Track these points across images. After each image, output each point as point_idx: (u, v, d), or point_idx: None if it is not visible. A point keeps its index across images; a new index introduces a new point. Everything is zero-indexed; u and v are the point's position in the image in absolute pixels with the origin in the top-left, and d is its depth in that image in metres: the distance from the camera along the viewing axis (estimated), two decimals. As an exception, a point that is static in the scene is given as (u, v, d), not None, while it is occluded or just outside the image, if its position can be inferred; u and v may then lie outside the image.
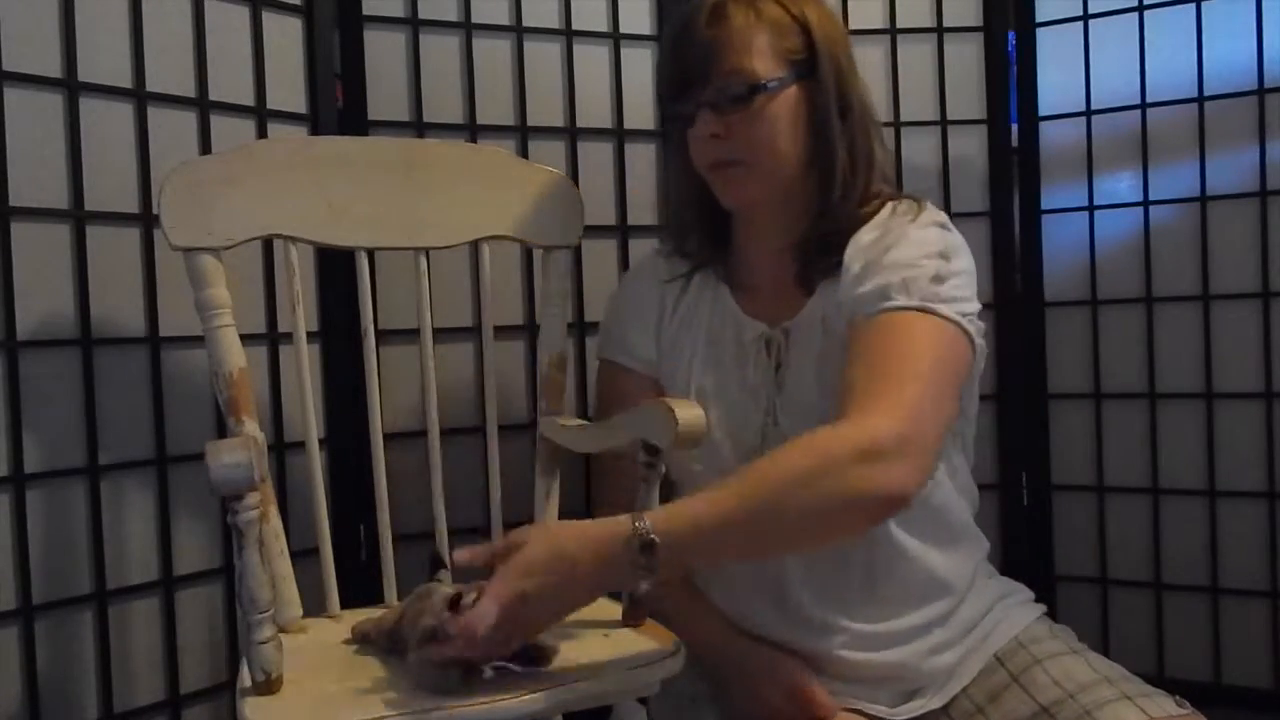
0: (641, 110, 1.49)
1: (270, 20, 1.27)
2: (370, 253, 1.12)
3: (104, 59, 1.13)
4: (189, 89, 1.20)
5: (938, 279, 0.99)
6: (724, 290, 1.15)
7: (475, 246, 1.15)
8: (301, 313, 1.05)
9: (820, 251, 1.08)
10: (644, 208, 1.50)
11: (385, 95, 1.36)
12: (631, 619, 0.99)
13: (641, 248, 1.49)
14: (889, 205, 1.08)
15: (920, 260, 1.00)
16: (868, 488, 0.87)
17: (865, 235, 1.06)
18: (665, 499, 1.01)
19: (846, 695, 1.06)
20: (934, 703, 1.07)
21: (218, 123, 1.22)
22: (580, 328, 1.45)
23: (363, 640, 0.97)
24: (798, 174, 1.07)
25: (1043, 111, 1.56)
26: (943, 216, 1.08)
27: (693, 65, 1.04)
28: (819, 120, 1.06)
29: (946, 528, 1.10)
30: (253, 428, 0.97)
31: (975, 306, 1.03)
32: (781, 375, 1.09)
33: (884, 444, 0.87)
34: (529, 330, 1.43)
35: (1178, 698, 0.99)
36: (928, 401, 0.93)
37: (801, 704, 1.03)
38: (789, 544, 0.96)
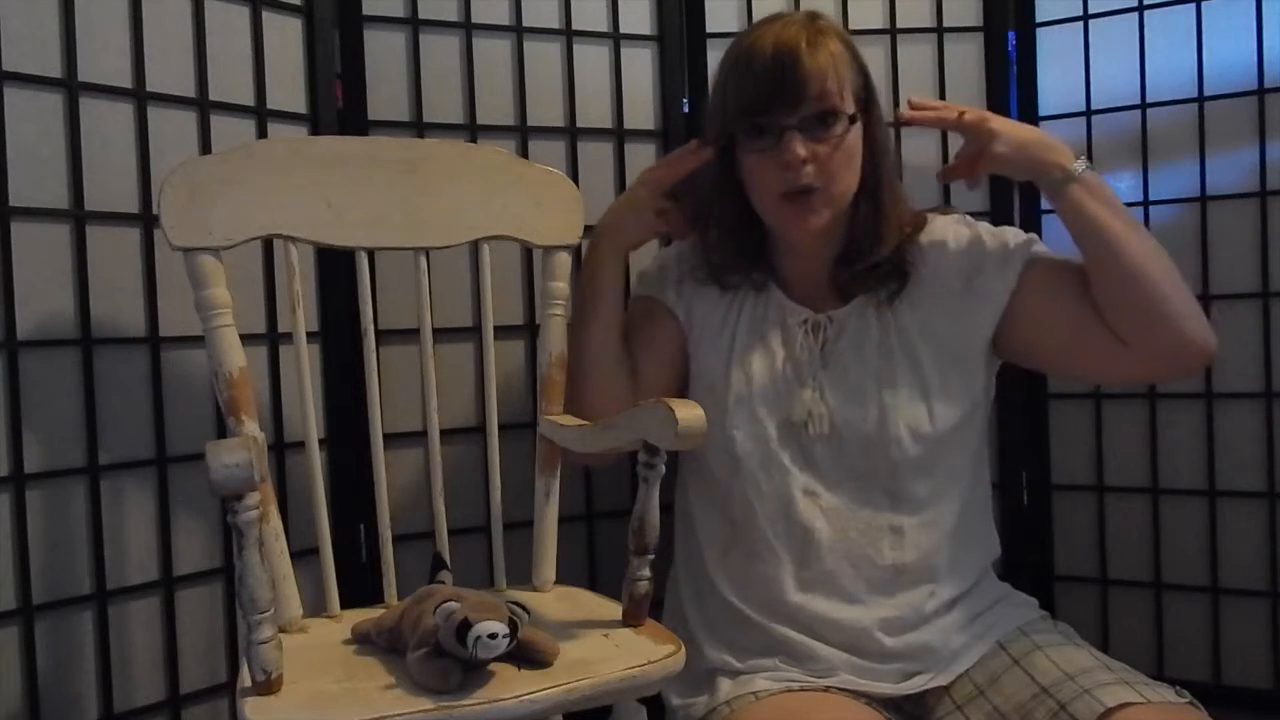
0: (641, 110, 1.50)
1: (270, 20, 1.27)
2: (370, 253, 1.12)
3: (104, 59, 1.13)
4: (189, 89, 1.20)
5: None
6: (769, 283, 1.20)
7: (475, 246, 1.15)
8: (301, 313, 1.05)
9: (866, 275, 1.15)
10: (644, 208, 1.50)
11: (385, 95, 1.36)
12: (631, 619, 0.99)
13: (641, 247, 1.49)
14: (927, 219, 1.19)
15: (1005, 229, 1.19)
16: (1203, 335, 1.08)
17: (946, 231, 1.17)
18: (668, 492, 1.02)
19: (854, 671, 1.08)
20: (938, 680, 1.08)
21: (218, 123, 1.22)
22: (580, 328, 1.45)
23: (363, 640, 0.97)
24: (850, 203, 1.13)
25: (1043, 111, 1.56)
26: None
27: (791, 87, 1.06)
28: (875, 156, 1.13)
29: (972, 511, 1.16)
30: (253, 428, 0.97)
31: None
32: (827, 355, 1.14)
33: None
34: (529, 330, 1.43)
35: (1178, 688, 1.00)
36: None
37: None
38: (1157, 277, 1.06)
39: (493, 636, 0.82)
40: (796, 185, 1.08)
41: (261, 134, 1.27)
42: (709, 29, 1.50)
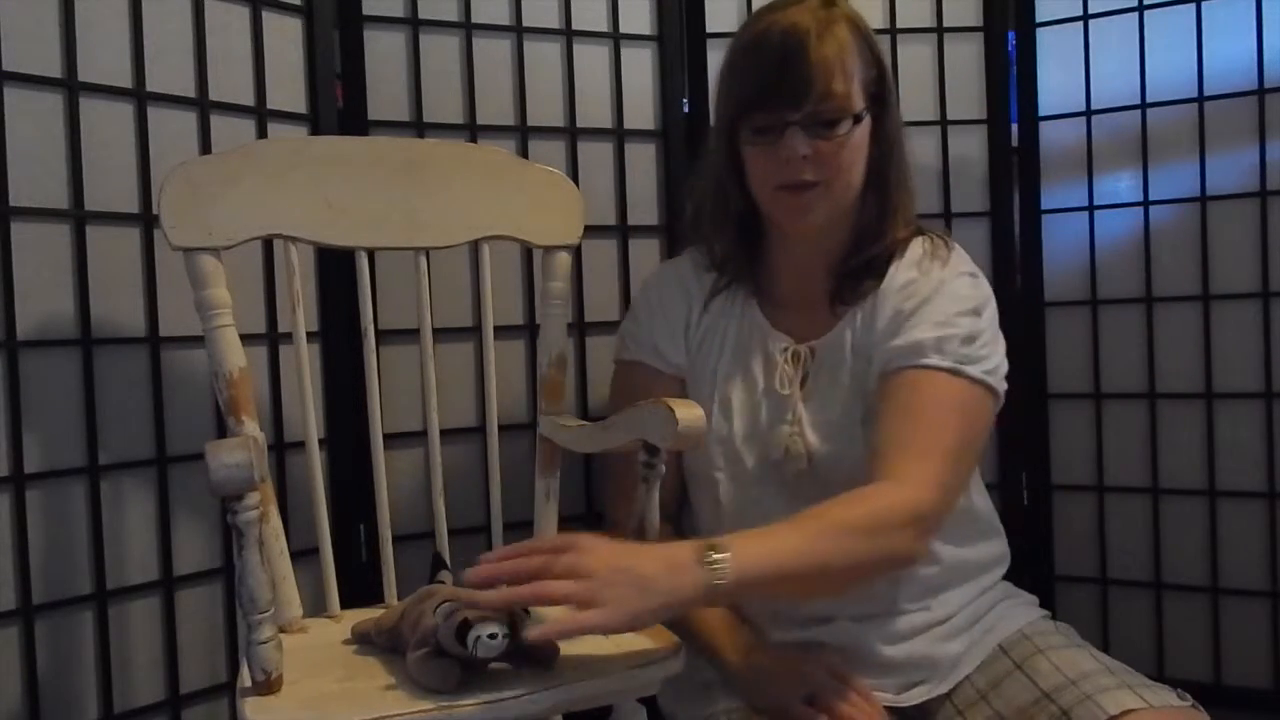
0: (641, 110, 1.50)
1: (270, 20, 1.27)
2: (370, 252, 1.12)
3: (104, 59, 1.13)
4: (189, 89, 1.20)
5: (969, 339, 1.04)
6: (753, 304, 1.17)
7: (475, 246, 1.15)
8: (301, 313, 1.04)
9: (856, 275, 1.11)
10: (644, 208, 1.50)
11: (385, 95, 1.36)
12: (631, 619, 0.99)
13: (642, 247, 1.49)
14: (918, 241, 1.13)
15: (954, 318, 1.05)
16: (905, 551, 0.97)
17: (900, 275, 1.10)
18: (666, 498, 1.02)
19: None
20: (939, 689, 1.08)
21: (218, 123, 1.22)
22: (580, 328, 1.45)
23: (363, 640, 0.97)
24: (854, 200, 1.10)
25: (1043, 111, 1.56)
26: (970, 264, 1.13)
27: (796, 82, 1.02)
28: (884, 151, 1.10)
29: (971, 527, 1.15)
30: (253, 428, 0.97)
31: (999, 360, 1.07)
32: (808, 389, 1.11)
33: (927, 517, 0.97)
34: (529, 330, 1.43)
35: (1180, 691, 1.00)
36: (959, 478, 1.04)
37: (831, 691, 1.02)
38: (829, 587, 1.00)
39: (492, 636, 0.82)
40: (794, 180, 1.06)
41: (261, 134, 1.26)
42: (709, 29, 1.50)
